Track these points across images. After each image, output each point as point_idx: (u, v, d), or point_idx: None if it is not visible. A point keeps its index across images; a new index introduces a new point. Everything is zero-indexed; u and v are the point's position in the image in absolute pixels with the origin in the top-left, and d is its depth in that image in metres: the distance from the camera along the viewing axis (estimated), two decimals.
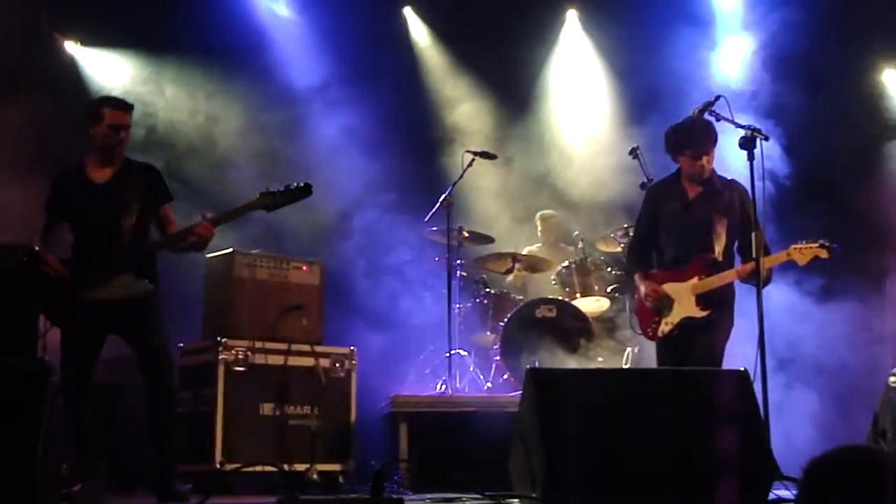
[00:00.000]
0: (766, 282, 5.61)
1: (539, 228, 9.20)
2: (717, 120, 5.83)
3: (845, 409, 7.74)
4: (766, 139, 5.70)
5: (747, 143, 5.61)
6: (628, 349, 7.80)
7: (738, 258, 5.92)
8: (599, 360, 7.59)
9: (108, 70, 8.97)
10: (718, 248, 5.77)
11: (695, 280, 5.77)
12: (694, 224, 5.85)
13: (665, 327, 5.86)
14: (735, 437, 4.72)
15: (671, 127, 5.96)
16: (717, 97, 5.88)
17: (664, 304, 5.83)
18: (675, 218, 5.93)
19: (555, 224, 9.13)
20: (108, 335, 5.48)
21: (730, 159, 6.36)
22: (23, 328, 5.41)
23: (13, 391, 4.51)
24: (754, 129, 5.66)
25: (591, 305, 8.16)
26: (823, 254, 5.55)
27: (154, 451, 5.41)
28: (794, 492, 4.94)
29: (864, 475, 2.89)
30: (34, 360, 5.18)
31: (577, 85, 10.02)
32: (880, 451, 3.08)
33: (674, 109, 7.11)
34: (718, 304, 5.76)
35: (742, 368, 5.07)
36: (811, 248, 5.54)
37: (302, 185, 5.47)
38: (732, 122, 5.84)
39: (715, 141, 5.87)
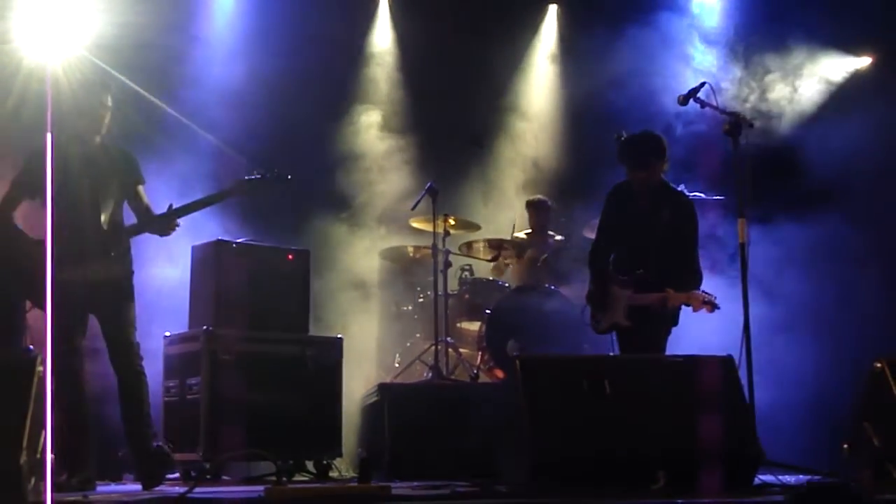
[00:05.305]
0: (671, 316, 5.85)
1: (527, 214, 9.20)
2: (703, 107, 5.89)
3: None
4: (752, 126, 5.75)
5: (732, 130, 5.67)
6: (613, 336, 7.79)
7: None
8: (585, 346, 7.61)
9: None
10: (652, 265, 5.87)
11: (629, 292, 5.94)
12: (635, 235, 5.99)
13: (603, 324, 6.13)
14: (719, 422, 4.76)
15: (619, 138, 6.07)
16: (703, 84, 5.92)
17: (603, 305, 6.09)
18: (623, 225, 6.07)
19: (543, 210, 9.12)
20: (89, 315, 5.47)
21: None
22: (7, 318, 5.38)
23: None
24: (739, 116, 5.72)
25: (577, 292, 8.16)
26: (710, 309, 5.73)
27: (128, 437, 5.43)
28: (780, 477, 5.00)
29: None
30: (20, 350, 5.14)
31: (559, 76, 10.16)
32: (867, 491, 3.07)
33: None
34: (644, 318, 5.89)
35: (727, 354, 5.12)
36: (705, 300, 5.72)
37: (279, 174, 5.53)
38: (717, 108, 5.87)
39: (658, 154, 5.95)
